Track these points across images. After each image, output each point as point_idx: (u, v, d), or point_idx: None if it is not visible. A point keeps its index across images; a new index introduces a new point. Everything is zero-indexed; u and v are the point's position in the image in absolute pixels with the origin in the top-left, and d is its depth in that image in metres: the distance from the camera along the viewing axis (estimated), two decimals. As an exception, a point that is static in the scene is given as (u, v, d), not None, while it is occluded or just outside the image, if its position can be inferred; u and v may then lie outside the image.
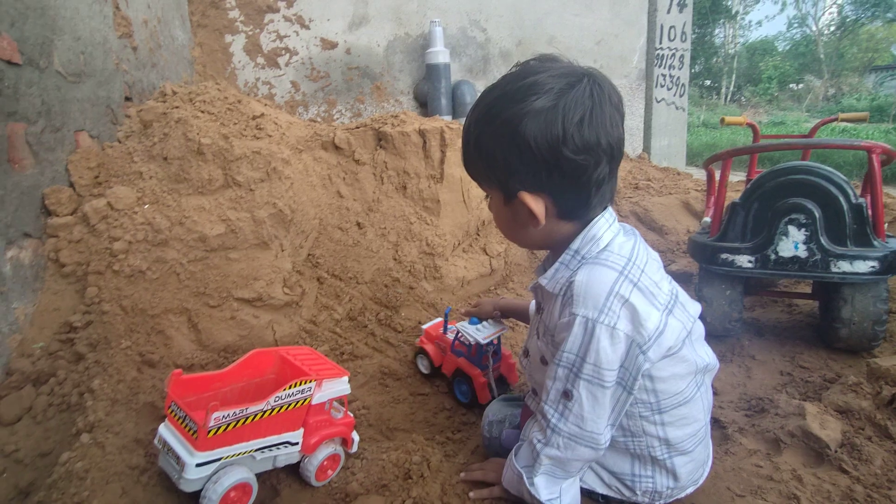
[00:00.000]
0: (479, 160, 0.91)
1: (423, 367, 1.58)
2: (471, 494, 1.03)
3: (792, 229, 1.62)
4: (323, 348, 1.57)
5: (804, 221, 1.60)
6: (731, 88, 23.92)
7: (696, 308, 1.01)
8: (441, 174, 2.10)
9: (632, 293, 0.86)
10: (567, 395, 0.89)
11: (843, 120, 2.39)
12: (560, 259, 0.94)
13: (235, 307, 1.48)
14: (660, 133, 4.82)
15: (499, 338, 1.44)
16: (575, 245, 0.93)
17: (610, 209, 0.96)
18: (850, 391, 1.37)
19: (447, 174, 2.10)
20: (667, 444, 0.96)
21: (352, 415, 1.16)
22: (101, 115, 1.68)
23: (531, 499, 0.95)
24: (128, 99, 1.94)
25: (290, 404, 0.96)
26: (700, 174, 4.05)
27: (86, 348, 1.23)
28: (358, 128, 2.11)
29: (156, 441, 0.97)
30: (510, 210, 0.92)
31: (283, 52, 3.58)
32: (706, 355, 1.01)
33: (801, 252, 1.62)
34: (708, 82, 24.84)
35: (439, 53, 3.66)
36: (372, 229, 1.96)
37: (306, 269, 1.73)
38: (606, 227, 0.93)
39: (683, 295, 1.01)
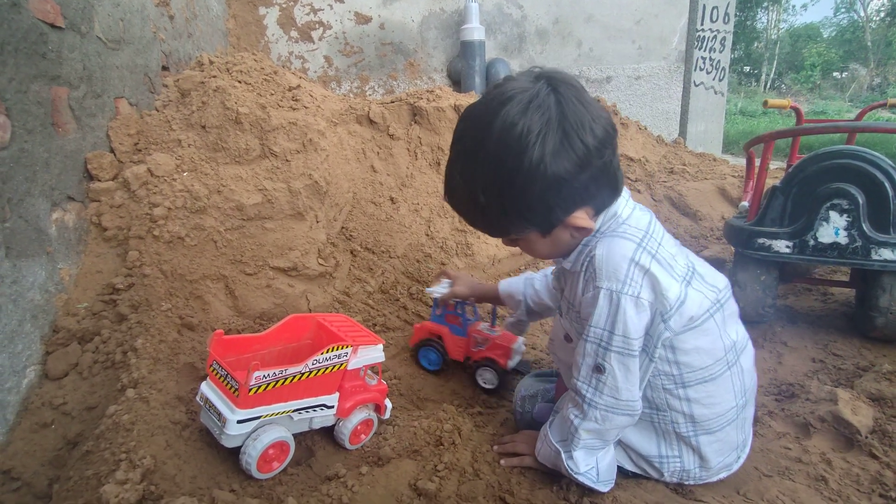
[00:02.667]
0: (510, 219, 0.88)
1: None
2: (502, 462, 1.05)
3: (833, 215, 1.57)
4: (356, 319, 1.57)
5: (846, 207, 1.55)
6: (772, 75, 23.09)
7: (720, 280, 1.00)
8: (475, 151, 2.07)
9: (651, 263, 0.87)
10: (599, 369, 0.90)
11: (891, 105, 2.29)
12: (584, 240, 0.94)
13: (271, 276, 1.50)
14: (697, 118, 4.67)
15: (473, 307, 1.47)
16: (597, 225, 0.93)
17: (625, 188, 0.97)
18: (884, 379, 1.35)
19: (481, 151, 2.07)
20: (692, 420, 0.97)
21: (385, 383, 1.17)
22: (139, 83, 1.70)
23: (568, 472, 0.96)
24: (164, 68, 1.96)
25: (326, 368, 0.98)
26: (737, 161, 3.93)
27: (128, 309, 1.26)
28: (393, 102, 2.09)
29: (198, 398, 1.00)
30: (550, 239, 0.93)
31: (317, 25, 3.57)
32: (735, 333, 1.01)
33: (842, 238, 1.57)
34: (747, 68, 24.01)
35: (474, 30, 3.60)
36: (405, 204, 1.95)
37: (340, 242, 1.73)
38: (624, 204, 0.95)
39: (703, 267, 1.00)
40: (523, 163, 0.79)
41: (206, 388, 0.98)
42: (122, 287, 1.31)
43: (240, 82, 1.73)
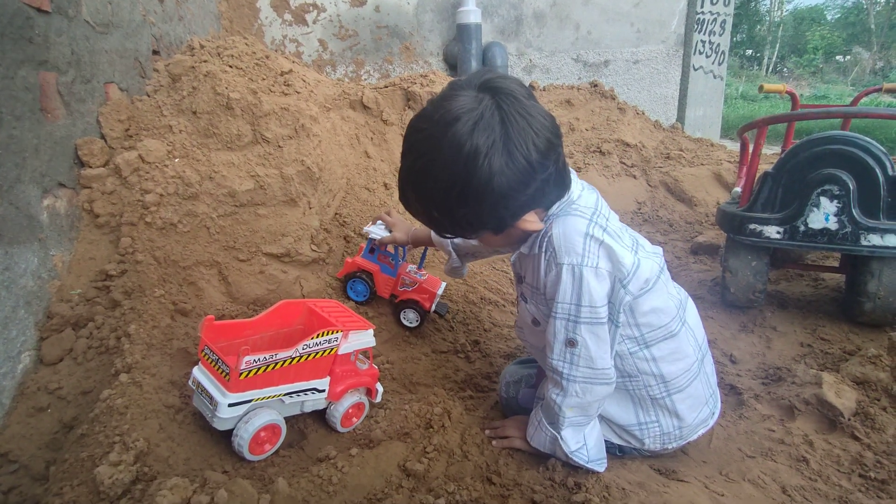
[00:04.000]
0: (462, 227, 0.93)
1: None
2: (493, 442, 1.08)
3: (824, 200, 1.58)
4: (349, 304, 1.59)
5: (837, 193, 1.56)
6: (774, 59, 22.86)
7: (657, 248, 1.08)
8: (469, 136, 2.07)
9: (604, 235, 0.93)
10: (572, 342, 0.94)
11: (886, 90, 2.28)
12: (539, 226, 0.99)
13: (264, 262, 1.50)
14: (695, 103, 4.65)
15: (403, 250, 1.57)
16: (552, 210, 0.98)
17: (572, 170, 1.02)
18: (868, 363, 1.38)
19: (475, 137, 2.07)
20: (663, 381, 1.01)
21: (376, 367, 1.19)
22: (129, 68, 1.68)
23: (566, 456, 0.99)
24: (155, 52, 1.94)
25: (317, 353, 0.99)
26: (734, 147, 3.92)
27: (121, 296, 1.27)
28: (386, 87, 2.08)
29: (190, 382, 1.01)
30: (503, 236, 0.98)
31: (311, 8, 3.53)
32: (677, 292, 1.09)
33: (832, 224, 1.58)
34: (749, 52, 23.77)
35: (471, 13, 3.56)
36: (398, 190, 1.95)
37: (334, 228, 1.74)
38: (573, 187, 0.99)
39: (641, 238, 1.08)
40: (472, 183, 0.84)
41: (198, 373, 0.99)
42: (114, 273, 1.31)
43: (231, 67, 1.72)
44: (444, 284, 1.59)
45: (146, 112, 1.58)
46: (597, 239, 0.92)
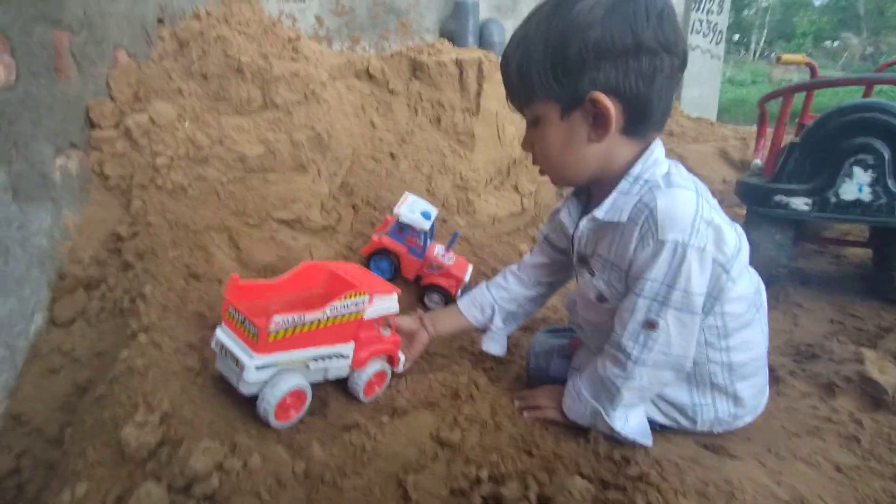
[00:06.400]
0: (539, 65, 0.84)
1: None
2: (525, 413, 1.04)
3: (857, 171, 1.51)
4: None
5: (872, 163, 1.50)
6: (762, 44, 22.90)
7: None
8: (477, 107, 2.06)
9: (713, 213, 0.84)
10: (651, 324, 0.86)
11: None
12: (618, 188, 0.89)
13: (274, 228, 1.49)
14: (692, 82, 4.66)
15: (431, 232, 1.51)
16: (636, 171, 0.87)
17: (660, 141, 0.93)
18: (912, 338, 1.34)
19: (483, 107, 2.06)
20: (729, 368, 0.96)
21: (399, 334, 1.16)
22: (136, 34, 1.65)
23: (610, 430, 0.95)
24: (160, 21, 1.90)
25: (344, 315, 0.96)
26: (729, 128, 3.93)
27: (133, 258, 1.25)
28: (392, 56, 2.05)
29: (213, 344, 0.98)
30: (566, 126, 0.86)
31: (309, -18, 3.46)
32: (753, 273, 1.00)
33: (865, 195, 1.52)
34: (737, 36, 23.77)
35: (469, -11, 3.52)
36: (405, 161, 1.94)
37: (341, 196, 1.73)
38: (661, 153, 0.91)
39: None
40: (584, 2, 0.79)
41: (222, 334, 0.95)
42: (126, 236, 1.30)
43: (240, 33, 1.69)
44: (470, 268, 1.54)
45: (155, 76, 1.54)
46: (706, 218, 0.82)
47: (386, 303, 1.05)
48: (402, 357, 1.13)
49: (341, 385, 1.11)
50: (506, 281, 1.21)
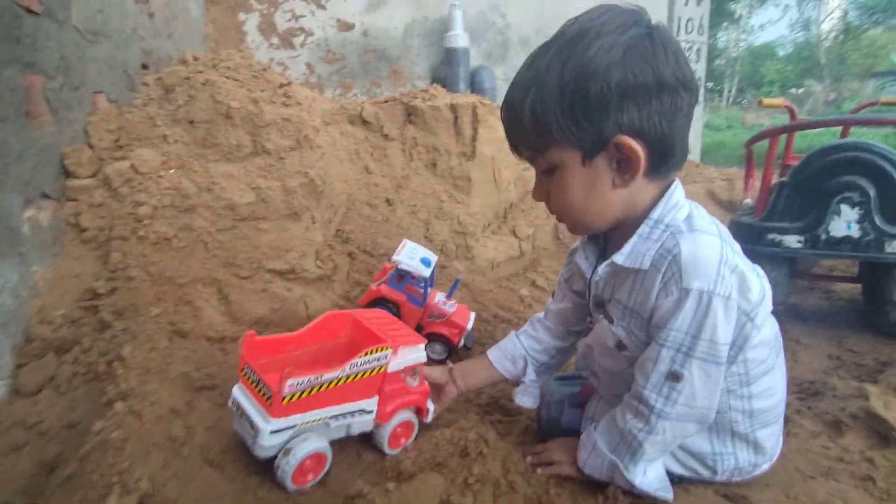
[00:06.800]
0: (557, 110, 0.78)
1: None
2: (539, 470, 0.96)
3: (844, 208, 1.55)
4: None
5: (858, 200, 1.54)
6: (734, 91, 23.94)
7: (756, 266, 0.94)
8: (472, 151, 2.02)
9: (738, 260, 0.80)
10: (675, 376, 0.81)
11: (884, 103, 2.34)
12: (638, 232, 0.84)
13: (267, 279, 1.39)
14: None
15: (431, 279, 1.42)
16: (656, 214, 0.83)
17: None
18: (913, 374, 1.32)
19: (479, 151, 2.02)
20: (750, 416, 0.90)
21: (427, 383, 1.08)
22: (118, 79, 1.59)
23: (629, 485, 0.88)
24: (144, 67, 1.86)
25: (365, 371, 0.90)
26: (713, 170, 3.99)
27: (111, 316, 1.14)
28: (387, 101, 2.02)
29: (230, 403, 0.91)
30: (589, 172, 0.81)
31: (299, 32, 3.49)
32: (773, 318, 0.94)
33: (854, 231, 1.55)
34: (710, 84, 24.84)
35: (458, 37, 3.58)
36: (402, 206, 1.88)
37: (337, 244, 1.64)
38: (682, 196, 0.86)
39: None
40: (600, 43, 0.76)
41: (239, 394, 0.89)
42: (103, 292, 1.19)
43: (228, 78, 1.64)
44: (473, 315, 1.47)
45: (137, 122, 1.47)
46: (731, 265, 0.79)
47: (412, 354, 0.99)
48: (430, 407, 1.05)
49: (342, 445, 1.00)
50: (535, 331, 1.16)
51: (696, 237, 0.80)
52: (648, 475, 0.88)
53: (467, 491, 0.86)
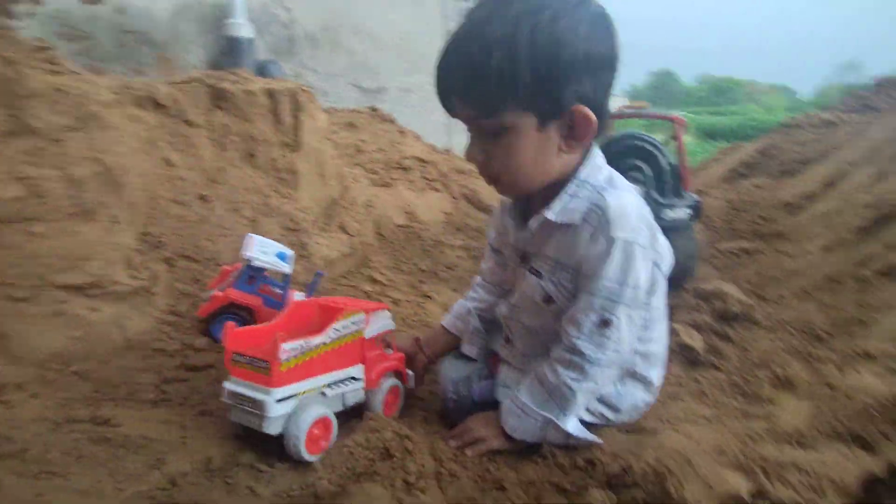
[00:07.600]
0: (527, 74, 0.78)
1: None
2: (467, 451, 0.91)
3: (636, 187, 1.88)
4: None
5: (641, 179, 1.86)
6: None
7: None
8: (296, 142, 1.84)
9: (649, 215, 0.91)
10: (606, 323, 0.86)
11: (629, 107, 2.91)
12: (566, 191, 0.90)
13: (60, 298, 1.03)
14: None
15: (286, 282, 1.27)
16: (583, 174, 0.90)
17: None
18: (693, 311, 1.65)
19: (304, 142, 1.85)
20: (646, 358, 1.00)
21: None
22: None
23: (565, 438, 0.90)
24: None
25: (346, 336, 0.95)
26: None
27: None
28: (185, 83, 1.71)
29: (225, 398, 0.88)
30: (541, 137, 0.84)
31: (23, -2, 2.73)
32: None
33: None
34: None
35: (241, 26, 3.26)
36: (220, 203, 1.60)
37: (149, 250, 1.31)
38: (602, 157, 0.95)
39: None
40: (565, 18, 0.79)
41: (231, 385, 0.87)
42: None
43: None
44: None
45: None
46: (647, 218, 0.89)
47: (382, 320, 1.04)
48: (410, 373, 1.09)
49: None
50: (475, 292, 1.21)
51: (619, 193, 0.89)
52: (576, 424, 0.92)
53: (413, 490, 0.77)
